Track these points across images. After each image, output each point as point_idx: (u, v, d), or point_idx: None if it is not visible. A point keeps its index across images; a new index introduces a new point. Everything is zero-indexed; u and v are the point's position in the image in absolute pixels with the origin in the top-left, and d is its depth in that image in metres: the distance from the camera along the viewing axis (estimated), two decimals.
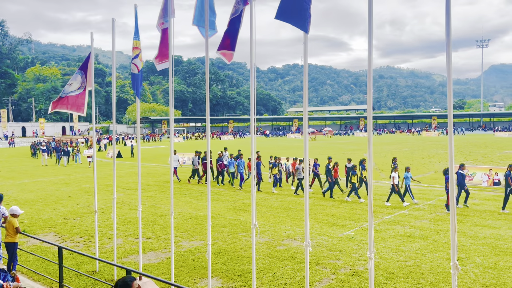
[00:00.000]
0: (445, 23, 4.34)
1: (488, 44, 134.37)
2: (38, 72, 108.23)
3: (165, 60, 7.88)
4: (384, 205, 15.53)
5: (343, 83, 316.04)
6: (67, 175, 27.37)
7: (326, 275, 8.72)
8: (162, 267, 9.47)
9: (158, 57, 7.86)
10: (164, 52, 7.82)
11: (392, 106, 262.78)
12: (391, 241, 10.94)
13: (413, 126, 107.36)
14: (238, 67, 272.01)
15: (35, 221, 14.20)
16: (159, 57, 7.84)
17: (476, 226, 12.39)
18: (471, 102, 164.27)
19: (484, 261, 9.30)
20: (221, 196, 18.04)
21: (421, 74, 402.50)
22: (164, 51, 7.81)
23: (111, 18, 8.71)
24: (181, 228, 12.77)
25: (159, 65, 7.92)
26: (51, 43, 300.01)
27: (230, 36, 6.70)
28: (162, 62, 7.91)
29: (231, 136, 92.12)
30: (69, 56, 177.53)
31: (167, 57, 7.81)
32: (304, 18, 5.31)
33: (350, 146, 50.27)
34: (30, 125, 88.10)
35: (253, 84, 6.66)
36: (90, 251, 10.60)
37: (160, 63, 7.92)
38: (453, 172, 4.58)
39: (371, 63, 4.97)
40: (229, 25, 6.65)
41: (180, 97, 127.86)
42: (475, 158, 31.74)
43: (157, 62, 7.91)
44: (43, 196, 19.01)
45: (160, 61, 7.89)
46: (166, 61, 7.87)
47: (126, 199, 17.83)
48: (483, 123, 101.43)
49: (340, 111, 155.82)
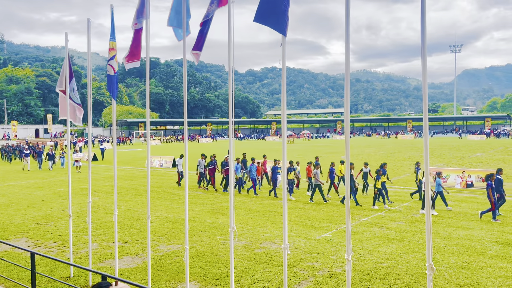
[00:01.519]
0: (420, 29, 4.43)
1: (461, 49, 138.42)
2: (10, 73, 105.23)
3: (134, 60, 7.84)
4: (362, 207, 15.70)
5: (320, 86, 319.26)
6: (40, 178, 26.69)
7: (304, 278, 8.75)
8: (138, 271, 9.31)
9: (127, 56, 7.79)
10: (134, 52, 7.78)
11: (369, 109, 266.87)
12: (368, 243, 11.07)
13: (389, 129, 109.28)
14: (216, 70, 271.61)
15: (6, 226, 13.77)
16: (129, 56, 7.79)
17: (450, 227, 12.66)
18: (445, 106, 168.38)
19: (458, 262, 9.50)
20: (198, 200, 17.91)
21: (396, 78, 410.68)
22: (135, 51, 7.76)
23: (87, 18, 8.54)
24: (158, 232, 12.61)
25: (127, 64, 7.86)
26: (24, 44, 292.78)
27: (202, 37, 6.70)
28: (130, 62, 7.85)
29: (209, 139, 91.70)
30: (43, 57, 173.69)
31: (138, 57, 7.79)
32: (282, 21, 5.33)
33: (328, 149, 50.75)
34: (2, 128, 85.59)
35: (231, 87, 6.64)
36: (64, 257, 10.34)
37: (129, 63, 7.86)
38: (428, 175, 4.67)
39: (348, 67, 5.02)
40: (201, 26, 6.64)
41: (157, 99, 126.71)
42: (448, 161, 32.50)
43: (126, 61, 7.84)
44: (15, 201, 18.48)
45: (129, 60, 7.82)
46: (135, 61, 7.85)
47: (101, 203, 17.50)
48: (457, 126, 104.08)
49: (318, 114, 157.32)
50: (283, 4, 5.28)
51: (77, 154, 32.54)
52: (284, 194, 5.85)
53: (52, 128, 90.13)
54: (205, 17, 6.54)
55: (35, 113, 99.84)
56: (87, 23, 8.59)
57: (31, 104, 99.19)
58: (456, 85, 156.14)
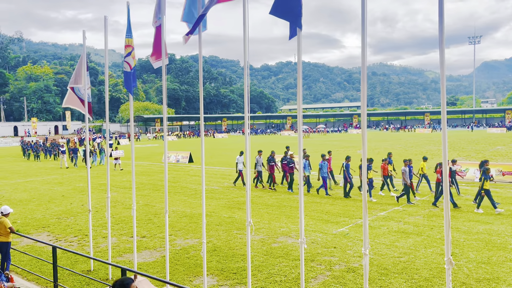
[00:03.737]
0: (438, 20, 4.36)
1: (480, 41, 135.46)
2: (29, 71, 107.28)
3: (161, 58, 7.81)
4: (378, 202, 15.59)
5: (336, 80, 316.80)
6: (60, 174, 27.20)
7: (321, 272, 8.75)
8: (157, 265, 9.45)
9: (153, 55, 7.78)
10: (159, 50, 7.75)
11: (385, 103, 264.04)
12: (385, 237, 10.99)
13: (406, 122, 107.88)
14: (231, 65, 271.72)
15: (28, 220, 14.10)
16: (155, 54, 7.77)
17: (469, 221, 12.48)
18: (463, 99, 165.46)
19: (478, 256, 9.37)
20: (215, 194, 18.02)
21: (413, 71, 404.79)
22: (159, 49, 7.74)
23: (104, 16, 8.65)
24: (176, 226, 12.75)
25: (155, 63, 7.84)
26: (43, 42, 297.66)
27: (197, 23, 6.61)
28: (158, 60, 7.82)
29: (225, 134, 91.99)
30: (61, 55, 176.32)
31: (165, 54, 7.75)
32: (297, 13, 5.32)
33: (344, 143, 50.43)
34: (22, 125, 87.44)
35: (247, 82, 6.65)
36: (84, 251, 10.55)
37: (156, 61, 7.83)
38: (447, 168, 4.61)
39: (365, 60, 4.98)
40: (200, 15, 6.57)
41: (173, 95, 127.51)
42: (468, 154, 31.97)
43: (153, 60, 7.83)
44: (36, 196, 18.89)
45: (157, 59, 7.81)
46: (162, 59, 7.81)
47: (120, 198, 17.76)
48: (476, 119, 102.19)
49: (334, 108, 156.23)
50: None
51: (116, 151, 30.23)
52: (301, 187, 5.84)
53: (71, 125, 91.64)
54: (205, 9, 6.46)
55: (54, 110, 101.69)
56: (104, 20, 8.69)
57: (50, 101, 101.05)
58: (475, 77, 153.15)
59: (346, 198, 16.49)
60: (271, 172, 19.23)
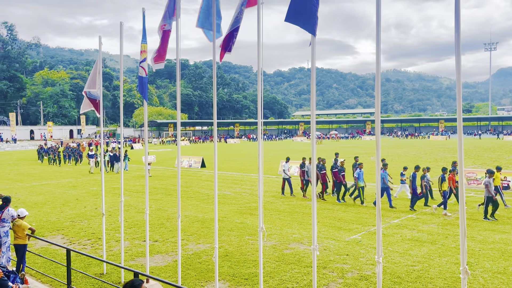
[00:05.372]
0: (454, 26, 4.32)
1: (496, 47, 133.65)
2: (46, 75, 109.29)
3: (161, 61, 8.01)
4: (391, 209, 15.43)
5: (349, 86, 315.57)
6: (74, 178, 27.52)
7: (333, 279, 8.68)
8: (169, 270, 9.48)
9: (155, 57, 7.96)
10: (161, 54, 7.94)
11: (399, 109, 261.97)
12: (398, 245, 10.87)
13: (420, 129, 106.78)
14: (244, 71, 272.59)
15: (43, 223, 14.28)
16: (156, 57, 7.95)
17: (485, 230, 12.27)
18: (479, 106, 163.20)
19: (494, 266, 9.21)
20: (227, 200, 18.04)
21: (428, 77, 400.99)
22: (162, 52, 7.91)
23: (119, 22, 8.77)
24: (188, 231, 12.79)
25: (155, 65, 8.04)
26: (59, 47, 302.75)
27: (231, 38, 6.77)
28: (158, 63, 8.03)
29: (238, 140, 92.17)
30: (77, 60, 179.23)
31: (163, 58, 7.95)
32: (312, 20, 5.33)
33: (357, 150, 50.10)
34: (38, 129, 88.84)
35: (260, 88, 6.67)
36: (97, 254, 10.64)
37: (156, 64, 8.03)
38: (463, 175, 4.55)
39: (379, 66, 4.96)
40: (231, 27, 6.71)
41: (186, 100, 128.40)
42: (483, 162, 31.49)
43: (153, 63, 8.00)
44: (51, 199, 19.13)
45: (156, 61, 8.00)
46: (161, 62, 8.02)
47: (133, 202, 17.89)
48: (492, 126, 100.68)
49: (347, 114, 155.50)
50: (313, 4, 5.28)
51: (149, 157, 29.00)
52: (313, 193, 5.82)
53: (85, 129, 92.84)
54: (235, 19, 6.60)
55: (69, 114, 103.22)
56: (120, 26, 8.81)
57: (65, 106, 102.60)
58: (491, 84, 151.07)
59: (391, 209, 15.46)
60: (323, 182, 17.84)
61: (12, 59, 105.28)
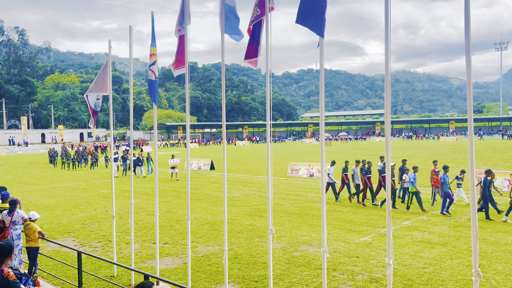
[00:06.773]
0: (464, 26, 4.29)
1: (507, 47, 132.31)
2: (57, 79, 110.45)
3: (181, 66, 7.98)
4: (402, 211, 15.32)
5: (358, 87, 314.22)
6: (84, 180, 27.74)
7: (343, 282, 8.63)
8: (179, 272, 9.50)
9: (174, 63, 7.95)
10: (180, 59, 7.92)
11: (409, 110, 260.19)
12: (409, 247, 10.78)
13: (430, 130, 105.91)
14: (252, 73, 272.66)
15: (54, 226, 14.41)
16: (176, 63, 7.94)
17: (497, 232, 12.12)
18: (490, 106, 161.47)
19: (506, 268, 9.09)
20: (236, 202, 18.05)
21: (437, 78, 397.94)
22: (180, 57, 7.90)
23: (128, 25, 8.83)
24: (197, 233, 12.81)
25: (175, 71, 8.02)
26: (70, 51, 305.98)
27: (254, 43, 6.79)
28: (178, 68, 8.01)
29: (247, 142, 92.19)
30: (87, 64, 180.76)
31: (183, 63, 7.90)
32: (320, 22, 5.34)
33: (367, 151, 49.86)
34: (49, 132, 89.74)
35: (269, 90, 6.68)
36: (108, 256, 10.70)
37: (176, 69, 8.01)
38: (474, 177, 4.50)
39: (388, 67, 4.94)
40: (251, 34, 6.73)
41: (195, 103, 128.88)
42: (495, 163, 31.14)
43: (174, 68, 8.00)
44: (62, 202, 19.30)
45: (176, 67, 7.98)
46: (182, 67, 7.97)
47: (143, 204, 17.98)
48: (503, 127, 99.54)
49: (356, 115, 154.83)
50: (321, 6, 5.29)
51: (173, 160, 28.00)
52: (323, 194, 5.80)
53: (95, 132, 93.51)
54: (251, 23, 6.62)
55: (80, 117, 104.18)
56: (129, 30, 8.87)
57: (76, 109, 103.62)
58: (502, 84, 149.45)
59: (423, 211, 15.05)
60: (370, 186, 17.00)
61: (24, 64, 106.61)
